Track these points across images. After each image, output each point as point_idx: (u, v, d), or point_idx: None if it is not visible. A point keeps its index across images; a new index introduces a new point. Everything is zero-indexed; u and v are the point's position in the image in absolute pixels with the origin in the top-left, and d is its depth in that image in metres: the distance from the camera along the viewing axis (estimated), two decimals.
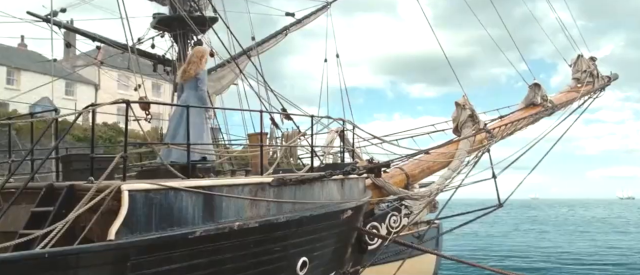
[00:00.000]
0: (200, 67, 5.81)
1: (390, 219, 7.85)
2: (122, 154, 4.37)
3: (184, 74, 5.77)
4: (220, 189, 4.70)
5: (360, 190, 6.56)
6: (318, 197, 5.61)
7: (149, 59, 13.18)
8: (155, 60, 13.13)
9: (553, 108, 9.08)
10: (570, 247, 26.36)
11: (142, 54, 12.85)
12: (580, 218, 55.58)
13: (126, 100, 4.46)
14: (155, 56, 13.15)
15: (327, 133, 7.28)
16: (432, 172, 8.26)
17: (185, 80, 5.79)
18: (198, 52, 5.97)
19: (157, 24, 12.75)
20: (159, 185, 4.28)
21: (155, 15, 12.84)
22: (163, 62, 13.24)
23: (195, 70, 5.73)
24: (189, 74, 5.74)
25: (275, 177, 5.10)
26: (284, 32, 13.87)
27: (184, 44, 12.74)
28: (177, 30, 12.55)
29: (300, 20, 13.99)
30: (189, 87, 5.78)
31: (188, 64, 5.85)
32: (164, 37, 13.06)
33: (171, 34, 12.79)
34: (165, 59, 13.20)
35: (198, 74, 5.73)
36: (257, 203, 4.95)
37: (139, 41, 12.83)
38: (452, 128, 8.83)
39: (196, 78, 5.73)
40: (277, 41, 13.93)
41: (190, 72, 5.74)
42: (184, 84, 5.82)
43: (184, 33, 12.63)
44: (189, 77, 5.75)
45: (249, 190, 4.91)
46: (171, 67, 12.94)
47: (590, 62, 9.87)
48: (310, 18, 14.14)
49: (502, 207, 8.71)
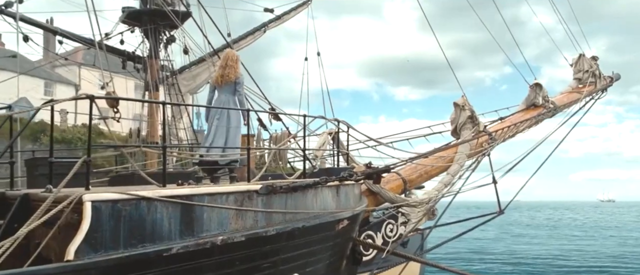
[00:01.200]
0: (238, 71, 5.89)
1: (386, 227, 7.40)
2: (85, 158, 3.79)
3: (222, 78, 5.83)
4: (200, 198, 4.17)
5: (356, 197, 6.09)
6: (311, 206, 5.11)
7: (118, 55, 12.56)
8: (124, 56, 12.52)
9: (555, 109, 8.79)
10: (558, 251, 26.45)
11: (111, 50, 12.24)
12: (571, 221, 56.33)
13: (90, 96, 3.89)
14: (124, 52, 12.54)
15: (319, 135, 6.78)
16: (431, 177, 7.85)
17: (222, 84, 5.84)
18: (233, 55, 6.03)
19: (126, 18, 12.17)
20: (128, 195, 3.73)
21: (125, 9, 12.21)
22: (133, 58, 12.59)
23: (235, 75, 5.81)
24: (229, 78, 5.79)
25: (263, 184, 4.59)
26: (263, 28, 13.49)
27: (156, 40, 12.26)
28: (147, 25, 12.02)
29: (279, 16, 13.56)
30: (227, 91, 5.84)
31: (224, 68, 5.88)
32: (134, 33, 12.51)
33: (142, 29, 12.25)
34: (135, 56, 12.59)
35: (238, 78, 5.83)
36: (243, 214, 4.44)
37: (107, 36, 12.22)
38: (451, 130, 8.44)
39: (235, 82, 5.81)
40: (255, 38, 13.52)
41: (229, 76, 5.79)
42: (220, 87, 5.88)
43: (155, 28, 12.14)
44: (228, 81, 5.80)
45: (234, 200, 4.39)
46: (142, 64, 12.37)
47: (592, 61, 9.64)
48: (291, 14, 13.77)
49: (503, 214, 8.35)
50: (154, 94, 12.50)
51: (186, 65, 13.30)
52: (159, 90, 12.64)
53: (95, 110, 3.90)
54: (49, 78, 29.63)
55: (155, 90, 12.60)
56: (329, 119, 6.15)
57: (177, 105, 12.39)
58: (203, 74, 12.99)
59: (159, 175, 4.45)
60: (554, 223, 51.44)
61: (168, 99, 12.33)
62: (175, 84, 13.12)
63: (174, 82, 13.13)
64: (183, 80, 13.39)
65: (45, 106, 4.30)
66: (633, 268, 20.96)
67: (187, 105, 12.40)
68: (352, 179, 5.51)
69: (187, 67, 13.27)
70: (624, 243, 30.41)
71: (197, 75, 13.12)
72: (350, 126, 6.44)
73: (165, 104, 4.62)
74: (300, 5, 13.82)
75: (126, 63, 12.93)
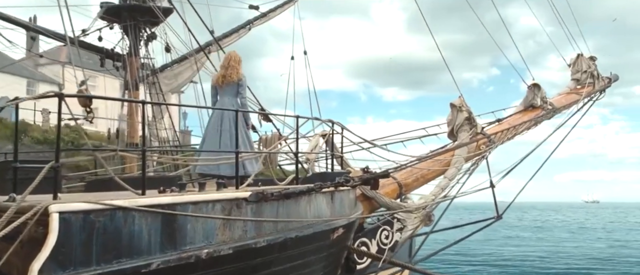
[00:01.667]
0: (240, 72, 5.78)
1: (381, 234, 7.13)
2: (53, 164, 3.41)
3: (224, 78, 5.73)
4: (184, 207, 3.82)
5: (351, 203, 5.80)
6: (305, 213, 4.80)
7: (96, 52, 12.14)
8: (102, 54, 12.11)
9: (553, 110, 8.65)
10: (545, 253, 26.63)
11: (88, 47, 11.79)
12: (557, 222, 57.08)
13: (59, 94, 3.52)
14: (102, 50, 12.12)
15: (311, 137, 6.48)
16: (427, 181, 7.62)
17: (223, 84, 5.75)
18: (235, 55, 5.91)
19: (105, 14, 11.76)
20: (101, 205, 3.36)
21: (103, 5, 11.79)
22: (112, 56, 12.16)
23: (238, 76, 5.72)
24: (231, 78, 5.69)
25: (253, 191, 4.26)
26: (248, 26, 13.22)
27: (136, 37, 11.90)
28: (127, 22, 11.64)
29: (265, 13, 13.31)
30: (229, 92, 5.75)
31: (226, 69, 5.78)
32: (113, 29, 12.08)
33: (121, 25, 11.84)
34: (114, 53, 12.16)
35: (240, 79, 5.74)
36: (231, 224, 4.10)
37: (84, 33, 11.76)
38: (447, 132, 8.22)
39: (238, 84, 5.73)
40: (240, 36, 13.26)
41: (232, 76, 5.69)
42: (221, 88, 5.78)
43: (135, 25, 11.77)
44: (230, 82, 5.70)
45: (221, 208, 4.05)
46: (121, 63, 11.97)
47: (591, 61, 9.55)
48: (277, 12, 13.55)
49: (501, 219, 8.16)
50: (134, 93, 12.13)
51: (168, 63, 12.99)
52: (139, 89, 12.28)
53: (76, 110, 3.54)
54: (31, 77, 28.97)
55: (135, 90, 12.26)
56: (323, 120, 5.87)
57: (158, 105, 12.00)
58: (185, 72, 12.73)
59: (139, 180, 4.09)
60: (540, 224, 52.09)
61: (148, 99, 11.95)
62: (156, 82, 12.78)
63: (154, 81, 12.79)
64: (164, 79, 13.07)
65: (10, 104, 3.90)
66: (620, 271, 21.23)
67: (168, 104, 12.01)
68: (348, 185, 5.21)
69: (168, 65, 12.95)
70: (611, 245, 30.83)
71: (179, 74, 12.84)
72: (345, 127, 6.16)
73: (144, 103, 4.26)
74: (287, 2, 13.55)
75: (104, 61, 12.58)
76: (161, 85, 12.85)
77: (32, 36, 11.68)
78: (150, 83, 12.66)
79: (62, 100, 3.51)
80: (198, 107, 12.81)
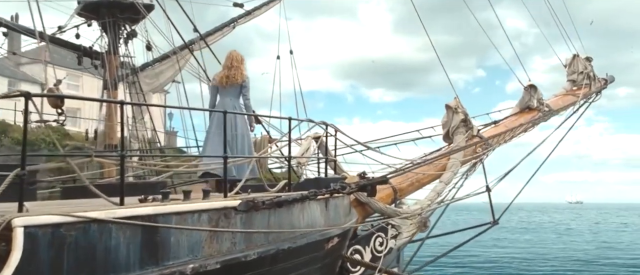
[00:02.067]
0: (244, 73, 5.72)
1: (375, 241, 6.89)
2: (18, 172, 3.08)
3: (228, 79, 5.66)
4: (166, 218, 3.52)
5: (346, 210, 5.55)
6: (298, 223, 4.53)
7: (73, 50, 11.76)
8: (79, 52, 11.72)
9: (550, 112, 8.56)
10: (531, 254, 26.81)
11: (64, 45, 11.38)
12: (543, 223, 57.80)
13: (26, 93, 3.19)
14: (80, 47, 11.71)
15: (303, 140, 6.21)
16: (423, 185, 7.41)
17: (226, 85, 5.67)
18: (237, 55, 5.81)
19: (82, 10, 11.37)
20: (73, 217, 3.04)
21: (80, 1, 11.35)
22: (90, 54, 11.80)
23: (242, 77, 5.65)
24: (235, 79, 5.61)
25: (243, 200, 3.97)
26: (232, 24, 12.99)
27: (115, 35, 11.54)
28: (106, 18, 11.27)
29: (249, 11, 13.10)
30: (231, 93, 5.67)
31: (229, 69, 5.70)
32: (91, 26, 11.70)
33: (100, 22, 11.47)
34: (92, 51, 11.79)
35: (244, 81, 5.67)
36: (218, 235, 3.82)
37: (61, 30, 11.33)
38: (442, 134, 8.04)
39: (242, 85, 5.65)
40: (223, 34, 13.04)
41: (236, 78, 5.61)
42: (224, 89, 5.70)
43: (115, 21, 11.41)
44: (234, 83, 5.63)
45: (207, 219, 3.76)
46: (100, 61, 11.60)
47: (587, 62, 9.51)
48: (262, 10, 13.33)
49: (497, 224, 8.02)
50: (113, 93, 11.81)
51: (149, 62, 12.68)
52: (118, 88, 11.90)
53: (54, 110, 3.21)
54: (13, 76, 28.31)
55: (114, 89, 11.93)
56: (317, 122, 5.61)
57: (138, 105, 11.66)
58: (167, 71, 12.40)
59: (118, 187, 3.76)
60: (526, 225, 52.68)
61: (128, 98, 11.60)
62: (136, 82, 12.45)
63: (134, 80, 12.47)
64: (145, 79, 12.77)
65: None
66: (607, 272, 21.48)
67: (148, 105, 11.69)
68: (345, 192, 4.96)
69: (149, 64, 12.62)
70: (598, 246, 31.25)
71: (161, 73, 12.51)
72: (339, 129, 5.91)
73: (123, 104, 3.94)
74: (272, 0, 13.29)
75: (82, 59, 12.22)
76: (142, 84, 12.56)
77: (4, 32, 11.21)
78: (130, 82, 12.38)
79: (30, 100, 3.18)
80: (181, 108, 12.49)
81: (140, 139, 12.17)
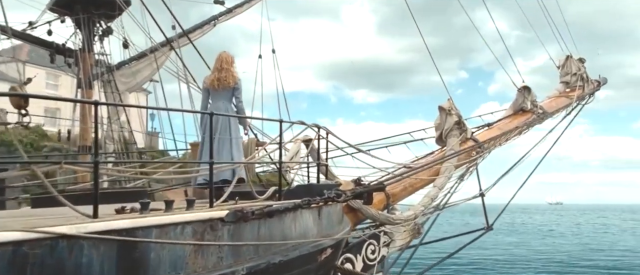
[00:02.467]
0: (235, 75, 5.63)
1: (367, 249, 6.66)
2: None
3: (219, 82, 5.54)
4: (146, 231, 3.20)
5: (339, 218, 5.29)
6: (290, 233, 4.25)
7: (44, 47, 11.36)
8: (52, 49, 11.31)
9: (545, 114, 8.48)
10: (515, 256, 27.03)
11: (34, 41, 10.97)
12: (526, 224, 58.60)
13: None
14: (52, 45, 11.30)
15: (292, 143, 5.93)
16: (416, 190, 7.21)
17: (218, 88, 5.55)
18: (227, 57, 5.70)
19: (55, 5, 10.98)
20: (38, 233, 2.71)
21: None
22: (63, 52, 11.41)
23: (234, 80, 5.55)
24: (226, 82, 5.50)
25: (231, 210, 3.68)
26: (213, 22, 12.77)
27: (90, 32, 11.27)
28: (80, 15, 11.00)
29: (231, 9, 12.90)
30: (224, 97, 5.56)
31: (220, 71, 5.58)
32: (64, 23, 11.36)
33: (73, 18, 11.16)
34: (66, 49, 11.42)
35: (237, 83, 5.57)
36: (204, 249, 3.52)
37: (31, 26, 10.88)
38: (435, 137, 7.86)
39: (234, 87, 5.55)
40: (203, 32, 12.81)
41: (227, 80, 5.50)
42: (215, 92, 5.59)
43: (89, 18, 11.13)
44: (226, 86, 5.51)
45: (191, 232, 3.46)
46: (74, 58, 11.28)
47: (580, 64, 9.48)
48: (243, 7, 13.11)
49: (491, 230, 7.89)
50: (87, 92, 11.43)
51: (125, 60, 12.38)
52: (92, 87, 11.50)
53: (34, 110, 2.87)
54: None
55: (89, 88, 11.54)
56: (309, 124, 5.35)
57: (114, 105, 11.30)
58: (144, 70, 12.15)
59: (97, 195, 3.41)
60: (508, 227, 53.25)
61: (103, 98, 11.23)
62: (111, 81, 12.06)
63: (110, 79, 12.09)
64: (121, 77, 12.43)
65: None
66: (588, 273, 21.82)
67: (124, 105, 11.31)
68: (340, 200, 4.70)
69: (126, 62, 12.33)
70: (583, 248, 31.74)
71: (138, 72, 12.24)
72: (330, 132, 5.66)
73: (98, 104, 3.60)
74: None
75: (55, 56, 11.81)
76: (118, 83, 12.21)
77: None
78: (106, 81, 12.00)
79: None
80: (157, 108, 12.12)
81: (116, 140, 11.83)
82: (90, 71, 11.49)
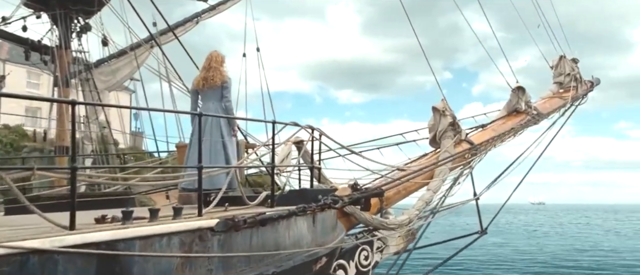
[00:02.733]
0: (224, 74, 5.54)
1: (360, 254, 6.46)
2: None
3: (206, 81, 5.45)
4: (129, 244, 2.95)
5: (333, 224, 5.09)
6: (283, 242, 4.04)
7: (19, 44, 11.00)
8: (26, 45, 10.95)
9: (539, 116, 8.41)
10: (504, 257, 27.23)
11: (8, 37, 10.59)
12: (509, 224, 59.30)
13: None
14: (27, 41, 10.91)
15: (283, 145, 5.70)
16: (410, 193, 7.05)
17: (205, 88, 5.47)
18: (217, 56, 5.60)
19: (29, 0, 10.63)
20: (9, 249, 2.44)
21: None
22: (39, 49, 11.03)
23: (221, 79, 5.45)
24: (213, 81, 5.40)
25: (221, 218, 3.45)
26: (195, 19, 12.57)
27: (67, 28, 10.88)
28: (56, 10, 10.62)
29: (214, 6, 12.71)
30: (212, 97, 5.46)
31: (207, 71, 5.49)
32: (40, 18, 10.97)
33: (49, 14, 10.77)
34: (41, 45, 11.03)
35: (224, 82, 5.48)
36: (192, 262, 3.29)
37: (5, 21, 10.49)
38: (429, 138, 7.72)
39: (222, 86, 5.47)
40: (186, 29, 12.57)
41: (214, 80, 5.40)
42: (203, 92, 5.51)
43: (66, 13, 10.75)
44: (213, 85, 5.42)
45: (178, 243, 3.22)
46: (50, 56, 10.91)
47: (574, 64, 9.46)
48: (227, 5, 12.88)
49: (486, 234, 7.78)
50: (64, 91, 11.08)
51: (104, 58, 12.01)
52: (69, 86, 11.14)
53: None
54: None
55: (66, 87, 11.21)
56: (303, 126, 5.13)
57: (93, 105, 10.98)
58: (124, 68, 11.90)
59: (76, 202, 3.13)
60: (492, 227, 53.61)
61: (81, 97, 10.91)
62: (90, 79, 11.73)
63: (88, 78, 11.76)
64: (100, 76, 12.12)
65: None
66: None
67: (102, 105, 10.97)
68: (337, 206, 4.50)
69: (105, 60, 11.96)
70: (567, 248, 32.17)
71: (118, 70, 11.93)
72: (324, 133, 5.45)
73: (75, 104, 3.33)
74: None
75: (30, 53, 11.39)
76: (97, 82, 11.87)
77: None
78: (84, 79, 11.66)
79: None
80: (136, 108, 11.78)
81: (94, 140, 11.52)
82: (67, 69, 11.17)
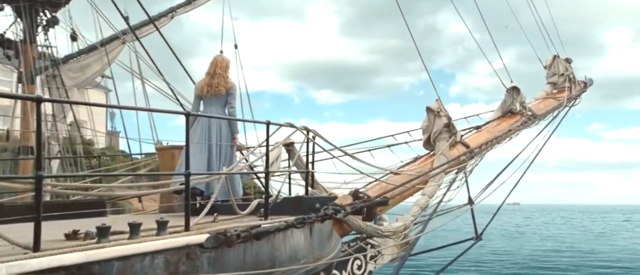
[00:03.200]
0: (229, 81, 5.47)
1: (353, 264, 6.17)
2: None
3: (211, 88, 5.36)
4: (105, 266, 2.56)
5: (329, 234, 4.76)
6: (279, 257, 3.69)
7: None
8: None
9: (534, 117, 8.29)
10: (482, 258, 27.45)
11: None
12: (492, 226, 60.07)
13: None
14: None
15: (274, 147, 5.34)
16: (404, 199, 6.79)
17: (208, 95, 5.38)
18: (222, 62, 5.50)
19: None
20: None
21: None
22: (2, 43, 10.61)
23: (226, 85, 5.37)
24: (218, 90, 5.31)
25: (211, 233, 3.08)
26: (170, 14, 12.22)
27: (32, 21, 10.44)
28: (20, 2, 10.22)
29: (189, 1, 12.37)
30: (216, 103, 5.39)
31: (212, 77, 5.38)
32: (3, 10, 10.56)
33: (13, 6, 10.39)
34: (5, 40, 10.59)
35: (229, 89, 5.41)
36: None
37: None
38: (423, 140, 7.48)
39: (227, 94, 5.38)
40: (161, 24, 12.08)
41: (219, 87, 5.31)
42: (206, 98, 5.42)
43: (31, 6, 10.34)
44: (218, 93, 5.33)
45: (164, 263, 2.84)
46: (13, 50, 10.51)
47: (567, 64, 9.41)
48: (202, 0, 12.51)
49: (481, 240, 7.60)
50: (29, 88, 10.60)
51: (73, 53, 11.57)
52: (34, 83, 10.63)
53: None
54: None
55: (31, 83, 10.71)
56: (298, 127, 4.79)
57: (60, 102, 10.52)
58: (94, 65, 11.56)
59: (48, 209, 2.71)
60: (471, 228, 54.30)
61: (47, 94, 10.42)
62: (57, 75, 11.21)
63: (56, 74, 11.24)
64: (68, 72, 11.66)
65: None
66: None
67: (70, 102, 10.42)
68: (338, 216, 4.18)
69: (74, 56, 11.53)
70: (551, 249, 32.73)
71: (87, 67, 11.55)
72: (319, 135, 5.12)
73: (41, 101, 2.91)
74: None
75: None
76: (64, 78, 11.35)
77: None
78: (51, 76, 11.13)
79: None
80: (109, 106, 11.30)
81: (61, 140, 11.00)
82: (33, 65, 10.66)
